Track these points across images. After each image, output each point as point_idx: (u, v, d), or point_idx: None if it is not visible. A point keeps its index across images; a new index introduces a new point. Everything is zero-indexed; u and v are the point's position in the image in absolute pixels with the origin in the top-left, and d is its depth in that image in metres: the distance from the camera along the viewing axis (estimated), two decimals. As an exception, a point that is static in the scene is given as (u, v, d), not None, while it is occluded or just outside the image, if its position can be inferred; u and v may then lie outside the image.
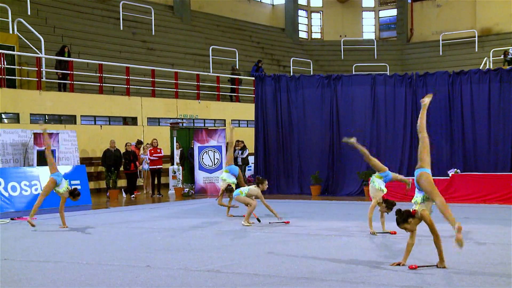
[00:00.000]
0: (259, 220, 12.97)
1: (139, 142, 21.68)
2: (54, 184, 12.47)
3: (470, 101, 18.99)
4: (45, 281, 7.57)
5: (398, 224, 7.80)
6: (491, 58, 33.73)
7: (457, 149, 18.94)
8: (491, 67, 29.83)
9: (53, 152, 18.81)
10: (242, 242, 10.51)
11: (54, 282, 7.51)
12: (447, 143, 18.94)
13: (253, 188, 13.06)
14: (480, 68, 23.74)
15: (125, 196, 20.51)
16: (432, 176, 7.89)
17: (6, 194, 16.48)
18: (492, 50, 34.93)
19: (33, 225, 12.32)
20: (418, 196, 7.77)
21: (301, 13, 44.41)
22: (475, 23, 40.71)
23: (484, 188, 16.77)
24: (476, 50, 38.41)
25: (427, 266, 7.75)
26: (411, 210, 7.73)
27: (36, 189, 17.13)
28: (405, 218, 7.68)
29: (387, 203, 10.85)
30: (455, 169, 17.53)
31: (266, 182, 13.53)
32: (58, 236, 11.62)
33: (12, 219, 14.46)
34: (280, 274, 7.62)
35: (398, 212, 7.83)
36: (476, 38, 39.17)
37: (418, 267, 7.64)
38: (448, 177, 17.19)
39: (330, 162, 20.15)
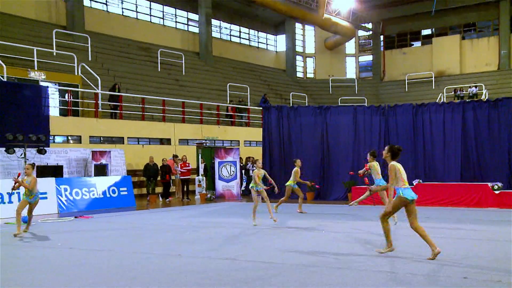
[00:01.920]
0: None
1: (175, 156, 21.74)
2: (26, 203, 11.09)
3: (429, 127, 19.01)
4: (101, 265, 7.61)
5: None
6: (445, 94, 33.87)
7: (420, 164, 18.90)
8: (445, 101, 29.89)
9: (106, 166, 19.00)
10: (252, 237, 10.49)
11: (107, 266, 7.55)
12: (412, 160, 18.89)
13: (255, 171, 12.69)
14: (437, 101, 23.74)
15: (161, 200, 20.52)
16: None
17: (71, 198, 16.56)
18: (445, 87, 35.09)
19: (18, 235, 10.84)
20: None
21: (298, 58, 44.63)
22: (432, 67, 40.88)
23: (441, 194, 16.73)
24: (433, 88, 38.54)
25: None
26: None
27: (93, 194, 17.19)
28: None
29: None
30: (418, 180, 17.49)
31: (260, 161, 13.01)
32: (111, 231, 11.64)
33: (75, 217, 14.53)
34: (282, 262, 7.62)
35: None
36: (433, 79, 39.34)
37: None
38: (413, 186, 17.14)
39: (321, 173, 20.12)
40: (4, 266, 7.69)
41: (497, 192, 15.95)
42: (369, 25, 43.74)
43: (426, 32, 43.38)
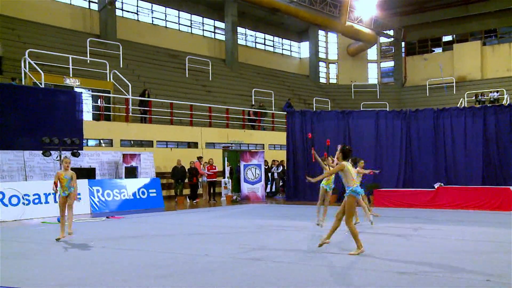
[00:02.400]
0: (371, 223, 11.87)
1: (200, 157, 21.85)
2: (64, 201, 10.36)
3: (450, 131, 18.69)
4: (130, 264, 7.64)
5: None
6: (465, 99, 33.29)
7: (441, 168, 18.60)
8: (466, 105, 29.37)
9: (136, 168, 19.16)
10: (274, 237, 10.42)
11: (136, 264, 7.57)
12: (434, 163, 18.61)
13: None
14: (458, 106, 23.34)
15: (189, 201, 20.60)
16: (422, 189, 7.83)
17: (103, 199, 16.75)
18: (466, 93, 34.50)
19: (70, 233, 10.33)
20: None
21: (321, 64, 44.47)
22: (453, 72, 40.23)
23: (462, 197, 16.42)
24: (454, 93, 37.91)
25: None
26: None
27: (124, 195, 17.35)
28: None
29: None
30: (440, 183, 17.20)
31: (362, 161, 12.55)
32: (141, 231, 11.68)
33: (107, 217, 14.68)
34: (300, 262, 7.55)
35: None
36: (454, 84, 38.70)
37: None
38: (434, 189, 16.86)
39: (343, 177, 19.92)
40: (39, 265, 7.81)
41: (518, 195, 15.59)
42: (391, 32, 43.31)
43: (447, 38, 42.80)
